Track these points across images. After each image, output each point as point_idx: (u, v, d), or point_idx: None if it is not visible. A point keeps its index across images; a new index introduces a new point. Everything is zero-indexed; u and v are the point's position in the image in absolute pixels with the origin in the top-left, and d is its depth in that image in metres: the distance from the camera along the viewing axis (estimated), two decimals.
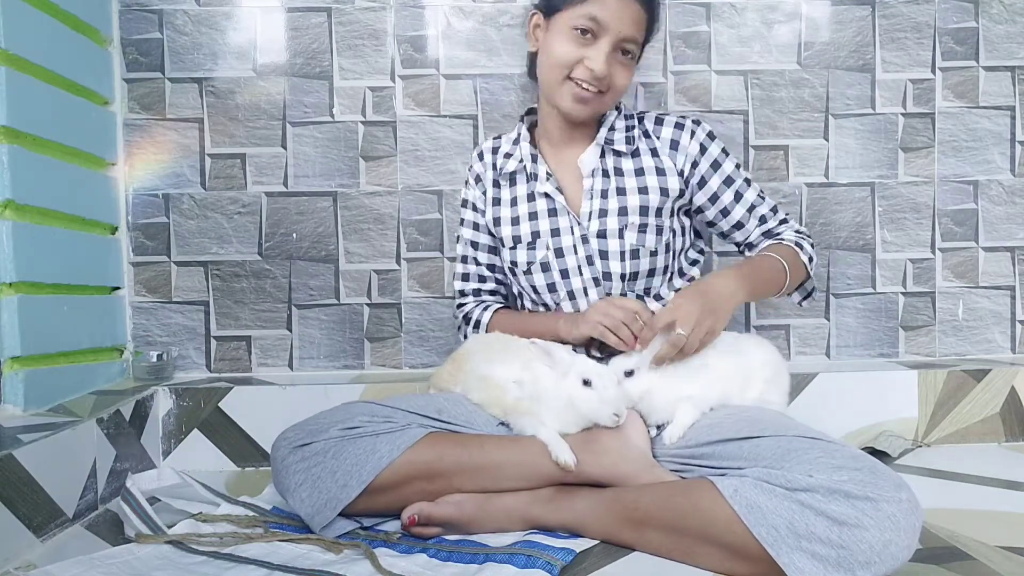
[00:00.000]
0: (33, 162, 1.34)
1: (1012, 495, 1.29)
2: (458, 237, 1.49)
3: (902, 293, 1.77)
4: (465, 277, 1.48)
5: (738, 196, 1.35)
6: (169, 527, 1.12)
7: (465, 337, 1.46)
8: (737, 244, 1.41)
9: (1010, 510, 1.21)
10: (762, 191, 1.39)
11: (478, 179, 1.45)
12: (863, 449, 1.23)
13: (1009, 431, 1.62)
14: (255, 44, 1.69)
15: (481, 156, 1.46)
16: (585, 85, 1.26)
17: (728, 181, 1.35)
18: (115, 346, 1.63)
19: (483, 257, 1.46)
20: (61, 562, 0.99)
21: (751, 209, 1.36)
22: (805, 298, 1.43)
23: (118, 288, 1.66)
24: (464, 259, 1.48)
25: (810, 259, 1.36)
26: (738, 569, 0.95)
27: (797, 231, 1.38)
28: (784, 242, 1.36)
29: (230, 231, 1.70)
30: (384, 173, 1.71)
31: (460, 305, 1.49)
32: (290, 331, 1.71)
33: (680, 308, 1.14)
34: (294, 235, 1.71)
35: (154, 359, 1.64)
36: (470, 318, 1.44)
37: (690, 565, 0.99)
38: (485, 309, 1.44)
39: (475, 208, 1.45)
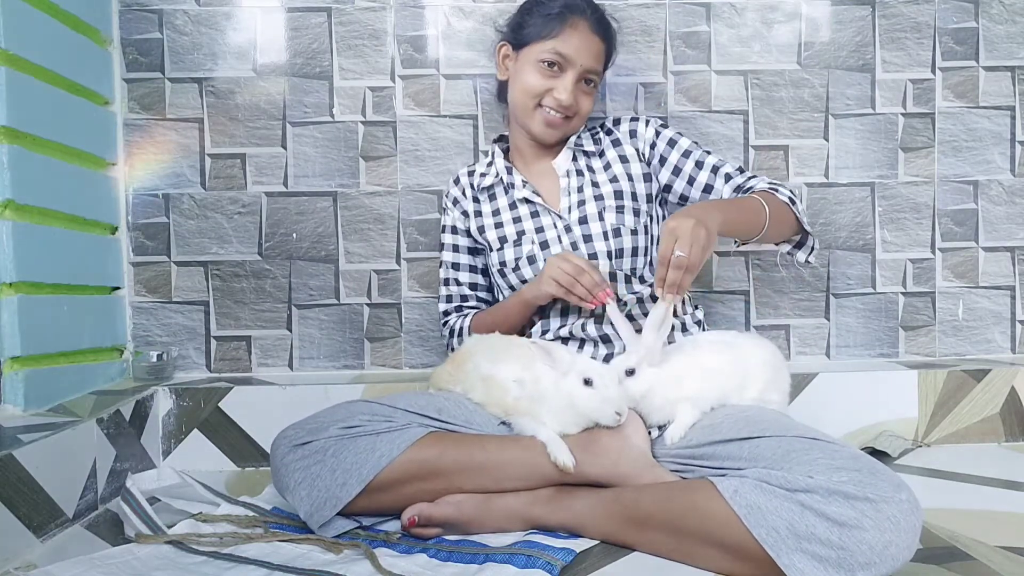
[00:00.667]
0: (33, 162, 1.34)
1: (1012, 495, 1.29)
2: (440, 263, 1.55)
3: (902, 293, 1.77)
4: (448, 299, 1.54)
5: (699, 163, 1.39)
6: (169, 527, 1.12)
7: (452, 350, 1.49)
8: None
9: (1010, 510, 1.21)
10: (723, 159, 1.41)
11: (456, 201, 1.52)
12: (863, 449, 1.23)
13: (1009, 431, 1.62)
14: (255, 44, 1.69)
15: (457, 180, 1.54)
16: (554, 113, 1.37)
17: (687, 153, 1.41)
18: (115, 346, 1.63)
19: (464, 277, 1.52)
20: (61, 562, 0.99)
21: (715, 170, 1.39)
22: (808, 253, 1.38)
23: (118, 288, 1.66)
24: (446, 282, 1.54)
25: (791, 201, 1.31)
26: (738, 570, 0.95)
27: (769, 182, 1.35)
28: (755, 188, 1.33)
29: (230, 231, 1.70)
30: (384, 173, 1.71)
31: (445, 323, 1.53)
32: (290, 331, 1.71)
33: (674, 229, 1.13)
34: (294, 235, 1.71)
35: (154, 359, 1.64)
36: (454, 330, 1.49)
37: (690, 566, 0.99)
38: (463, 318, 1.49)
39: (455, 231, 1.52)
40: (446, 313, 1.54)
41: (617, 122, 1.48)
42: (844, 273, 1.76)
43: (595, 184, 1.41)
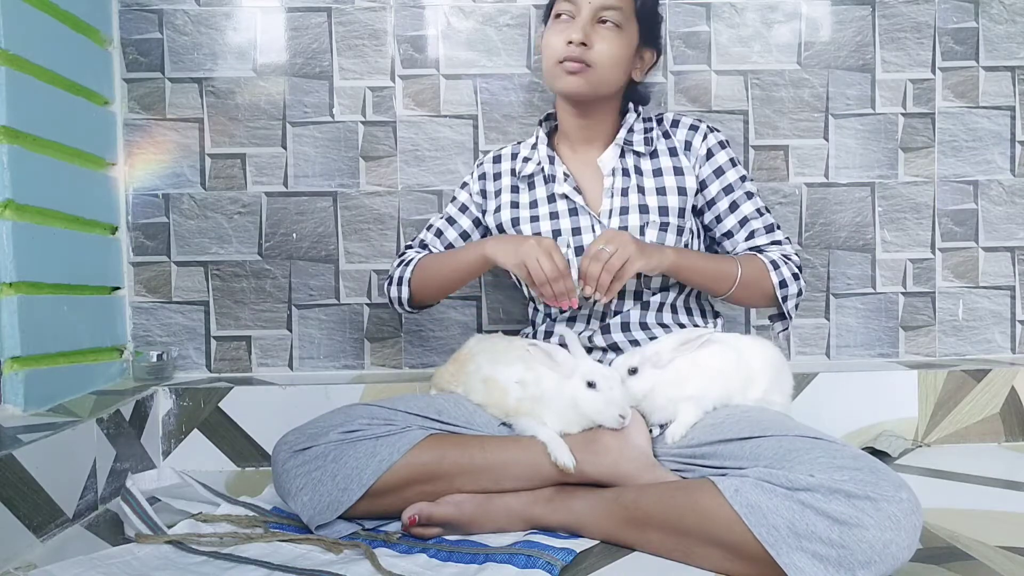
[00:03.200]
0: (33, 162, 1.34)
1: (1012, 495, 1.29)
2: (440, 218, 1.49)
3: (902, 293, 1.77)
4: (422, 244, 1.47)
5: (733, 206, 1.34)
6: (169, 527, 1.12)
7: (390, 282, 1.44)
8: (727, 254, 1.38)
9: (1010, 510, 1.21)
10: (763, 207, 1.36)
11: (483, 176, 1.46)
12: (863, 449, 1.23)
13: (1009, 431, 1.62)
14: (255, 44, 1.69)
15: (498, 159, 1.46)
16: (571, 58, 1.27)
17: (728, 189, 1.34)
18: (115, 346, 1.63)
19: (451, 235, 1.46)
20: (61, 562, 0.99)
21: (743, 222, 1.34)
22: (783, 329, 1.38)
23: (118, 288, 1.66)
24: (429, 227, 1.48)
25: (782, 282, 1.29)
26: (738, 569, 0.95)
27: (784, 254, 1.33)
28: (759, 255, 1.32)
29: (230, 231, 1.70)
30: (384, 173, 1.71)
31: (402, 254, 1.47)
32: (290, 331, 1.71)
33: (607, 234, 1.16)
34: (294, 235, 1.71)
35: (154, 359, 1.64)
36: (404, 255, 1.44)
37: (690, 565, 0.99)
38: (419, 254, 1.43)
39: (472, 195, 1.46)
40: (409, 247, 1.48)
41: (676, 124, 1.38)
42: (844, 273, 1.76)
43: (641, 190, 1.32)
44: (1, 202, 1.27)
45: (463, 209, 1.47)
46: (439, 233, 1.47)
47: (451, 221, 1.47)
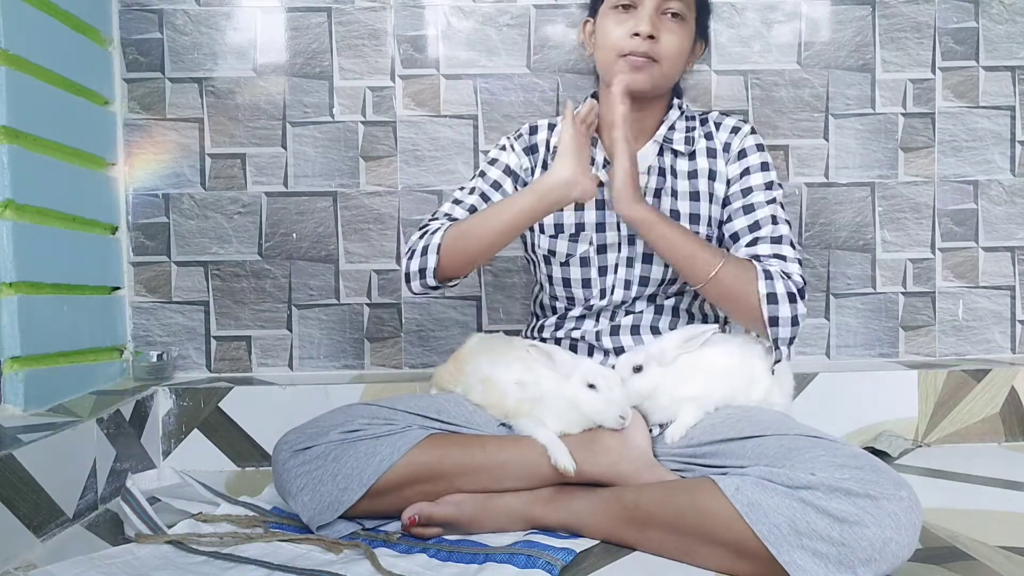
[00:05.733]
0: (33, 162, 1.34)
1: (1012, 495, 1.29)
2: (462, 187, 1.34)
3: (902, 293, 1.77)
4: (448, 215, 1.29)
5: (747, 209, 1.24)
6: (169, 527, 1.12)
7: (410, 255, 1.25)
8: None
9: (1010, 510, 1.21)
10: (783, 218, 1.23)
11: (530, 150, 1.33)
12: (863, 449, 1.23)
13: (1009, 431, 1.62)
14: (255, 44, 1.69)
15: (535, 130, 1.35)
16: (637, 53, 1.19)
17: (746, 191, 1.25)
18: (115, 346, 1.63)
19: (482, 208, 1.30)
20: (61, 562, 0.99)
21: (752, 227, 1.23)
22: (775, 360, 1.21)
23: (118, 288, 1.66)
24: (458, 202, 1.31)
25: (770, 295, 1.14)
26: (739, 568, 0.95)
27: (785, 270, 1.18)
28: (753, 261, 1.18)
29: (230, 231, 1.70)
30: (384, 173, 1.71)
31: (424, 226, 1.29)
32: (290, 331, 1.71)
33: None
34: (294, 235, 1.71)
35: (154, 359, 1.64)
36: (428, 228, 1.26)
37: (691, 565, 0.99)
38: (437, 231, 1.25)
39: (508, 172, 1.32)
40: (434, 217, 1.29)
41: (719, 125, 1.30)
42: (844, 273, 1.76)
43: (674, 194, 1.25)
44: (1, 202, 1.27)
45: (496, 186, 1.32)
46: (472, 209, 1.30)
47: (485, 197, 1.31)
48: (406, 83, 1.70)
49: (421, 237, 1.26)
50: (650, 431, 1.17)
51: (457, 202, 1.31)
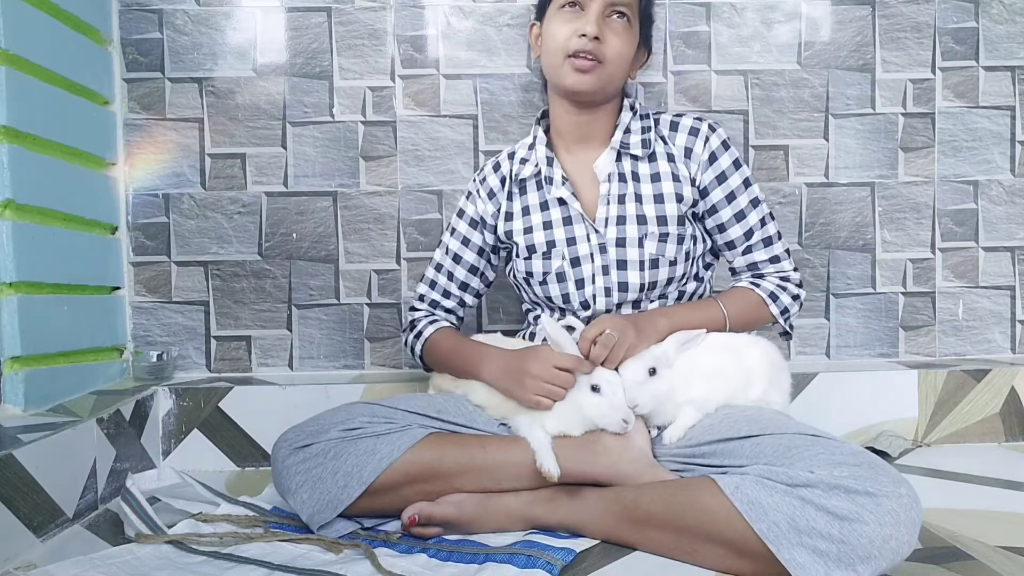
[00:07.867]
0: (33, 162, 1.34)
1: (1012, 495, 1.29)
2: (440, 242, 1.44)
3: (902, 293, 1.77)
4: (432, 285, 1.43)
5: (739, 216, 1.28)
6: (169, 527, 1.12)
7: (405, 344, 1.42)
8: (729, 262, 1.36)
9: (1010, 510, 1.21)
10: (768, 215, 1.30)
11: (492, 194, 1.38)
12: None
13: (1009, 431, 1.62)
14: (255, 44, 1.69)
15: (497, 167, 1.39)
16: (582, 54, 1.21)
17: (730, 197, 1.28)
18: (115, 346, 1.63)
19: (460, 273, 1.41)
20: (61, 562, 0.99)
21: (747, 235, 1.29)
22: (786, 340, 1.37)
23: (118, 288, 1.66)
24: (439, 267, 1.42)
25: (783, 311, 1.29)
26: (739, 567, 0.95)
27: (783, 277, 1.30)
28: (756, 290, 1.29)
29: (230, 231, 1.70)
30: (384, 173, 1.71)
31: (413, 309, 1.44)
32: (290, 331, 1.71)
33: (605, 321, 1.14)
34: (294, 235, 1.71)
35: (154, 359, 1.64)
36: (416, 326, 1.40)
37: (691, 564, 1.00)
38: (432, 323, 1.39)
39: (475, 224, 1.39)
40: (421, 298, 1.43)
41: (675, 127, 1.30)
42: (844, 273, 1.76)
43: (638, 198, 1.27)
44: (1, 202, 1.27)
45: (465, 242, 1.40)
46: (450, 275, 1.41)
47: (457, 259, 1.41)
48: (406, 83, 1.70)
49: (411, 331, 1.41)
50: (648, 432, 1.17)
51: (438, 267, 1.42)
